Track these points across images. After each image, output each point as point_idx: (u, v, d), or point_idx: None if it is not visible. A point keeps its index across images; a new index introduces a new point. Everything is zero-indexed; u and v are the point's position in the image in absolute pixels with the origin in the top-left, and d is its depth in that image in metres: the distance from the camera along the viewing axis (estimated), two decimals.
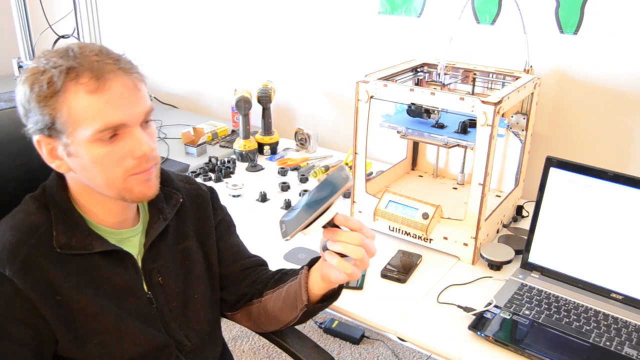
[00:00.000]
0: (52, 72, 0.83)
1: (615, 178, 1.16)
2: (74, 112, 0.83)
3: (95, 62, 0.85)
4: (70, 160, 0.87)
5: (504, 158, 1.60)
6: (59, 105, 0.83)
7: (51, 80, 0.83)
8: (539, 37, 1.57)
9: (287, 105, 2.20)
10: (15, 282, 0.84)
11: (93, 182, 0.89)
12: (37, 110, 0.84)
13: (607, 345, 1.05)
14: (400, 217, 1.34)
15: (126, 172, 0.88)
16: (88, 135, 0.84)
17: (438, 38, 1.77)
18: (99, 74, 0.84)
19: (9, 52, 2.71)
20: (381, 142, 1.91)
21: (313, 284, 1.01)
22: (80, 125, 0.83)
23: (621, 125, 1.56)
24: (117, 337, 0.91)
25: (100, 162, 0.86)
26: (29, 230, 0.89)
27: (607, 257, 1.18)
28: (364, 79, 1.37)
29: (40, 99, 0.83)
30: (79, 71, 0.83)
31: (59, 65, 0.83)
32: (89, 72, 0.83)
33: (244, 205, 1.61)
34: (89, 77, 0.83)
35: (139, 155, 0.87)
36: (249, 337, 2.21)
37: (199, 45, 2.37)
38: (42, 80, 0.83)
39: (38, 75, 0.84)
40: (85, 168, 0.87)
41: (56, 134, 0.85)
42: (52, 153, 0.88)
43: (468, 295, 1.21)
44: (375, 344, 2.20)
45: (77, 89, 0.83)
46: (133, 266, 0.96)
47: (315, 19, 2.02)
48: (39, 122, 0.85)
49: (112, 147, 0.86)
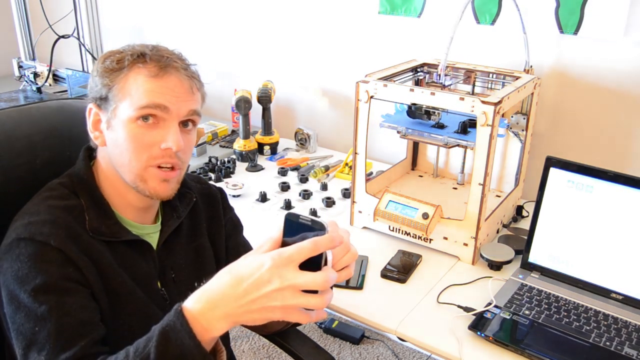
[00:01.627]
0: (124, 53, 0.93)
1: (616, 178, 1.16)
2: (127, 86, 0.91)
3: (165, 56, 0.94)
4: (108, 133, 0.93)
5: (504, 158, 1.60)
6: (118, 80, 0.91)
7: (121, 59, 0.92)
8: (539, 37, 1.57)
9: (287, 105, 2.20)
10: (63, 251, 0.86)
11: (118, 160, 0.93)
12: (98, 80, 0.93)
13: (607, 345, 1.05)
14: (400, 217, 1.34)
15: (149, 159, 0.92)
16: (131, 111, 0.90)
17: (438, 38, 1.77)
18: (164, 65, 0.92)
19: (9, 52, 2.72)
20: (381, 142, 1.91)
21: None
22: (130, 100, 0.90)
23: (621, 125, 1.56)
24: (143, 321, 0.92)
25: (132, 140, 0.91)
26: (66, 209, 0.91)
27: (607, 257, 1.18)
28: (364, 79, 1.37)
29: (106, 71, 0.92)
30: (147, 59, 0.92)
31: (135, 50, 0.93)
32: (156, 62, 0.92)
33: (244, 205, 1.61)
34: (154, 65, 0.92)
35: (166, 147, 0.91)
36: (249, 337, 2.21)
37: (198, 45, 2.37)
38: (114, 58, 0.93)
39: (113, 54, 0.94)
40: (116, 143, 0.92)
41: (105, 105, 0.93)
42: (95, 124, 0.95)
43: (468, 295, 1.21)
44: (375, 344, 2.20)
45: (139, 71, 0.91)
46: (152, 260, 0.99)
47: (315, 19, 2.02)
48: (96, 92, 0.93)
49: (146, 130, 0.91)
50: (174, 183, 0.96)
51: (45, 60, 2.51)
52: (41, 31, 2.46)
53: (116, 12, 2.58)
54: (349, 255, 0.77)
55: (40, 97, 2.43)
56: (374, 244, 1.41)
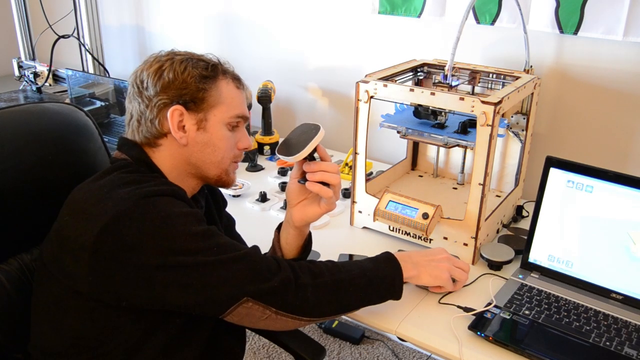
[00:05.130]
0: (210, 62, 1.04)
1: (616, 178, 1.16)
2: (224, 95, 1.04)
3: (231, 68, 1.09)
4: (198, 134, 1.02)
5: (504, 158, 1.60)
6: (213, 86, 1.02)
7: (213, 66, 1.03)
8: (539, 37, 1.57)
9: (287, 105, 2.20)
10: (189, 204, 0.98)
11: (207, 158, 1.04)
12: (191, 84, 1.00)
13: (607, 345, 1.05)
14: (400, 217, 1.34)
15: (233, 157, 1.08)
16: (227, 117, 1.04)
17: (438, 38, 1.77)
18: (239, 78, 1.09)
19: (9, 52, 2.72)
20: (381, 142, 1.91)
21: (285, 240, 1.15)
22: (225, 107, 1.03)
23: (621, 125, 1.56)
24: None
25: (224, 141, 1.05)
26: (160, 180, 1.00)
27: (607, 257, 1.18)
28: (364, 79, 1.37)
29: (201, 77, 1.01)
30: (225, 69, 1.07)
31: (213, 60, 1.06)
32: (232, 74, 1.07)
33: (244, 205, 1.61)
34: (233, 76, 1.07)
35: (244, 146, 1.09)
36: (249, 337, 2.21)
37: (198, 46, 2.37)
38: (202, 65, 1.02)
39: (195, 61, 1.03)
40: (208, 144, 1.03)
41: (197, 108, 1.01)
42: (179, 124, 1.01)
43: (468, 295, 1.21)
44: (375, 344, 2.20)
45: (228, 81, 1.05)
46: None
47: (315, 19, 2.02)
48: (188, 94, 1.00)
49: (232, 134, 1.07)
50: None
51: (45, 60, 2.51)
52: (41, 31, 2.46)
53: (116, 12, 2.58)
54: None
55: (40, 97, 2.44)
56: (374, 244, 1.41)
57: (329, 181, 1.06)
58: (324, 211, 1.10)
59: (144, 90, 1.01)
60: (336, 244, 1.40)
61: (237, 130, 1.07)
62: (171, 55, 1.03)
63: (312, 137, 1.03)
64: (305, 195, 1.12)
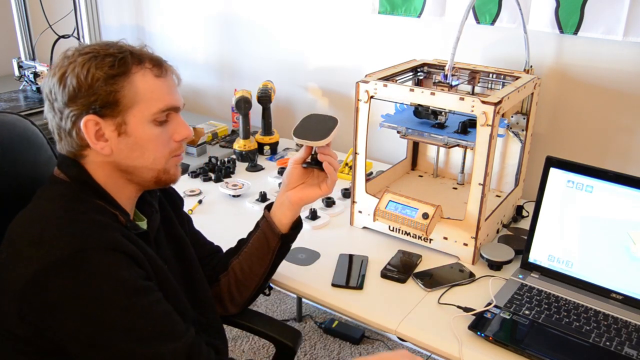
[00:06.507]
0: (119, 55, 0.89)
1: (616, 178, 1.16)
2: (140, 91, 0.90)
3: (149, 53, 0.95)
4: (120, 140, 0.91)
5: (504, 158, 1.60)
6: (126, 84, 0.89)
7: (122, 60, 0.89)
8: (539, 37, 1.57)
9: (287, 105, 2.20)
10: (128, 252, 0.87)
11: (137, 162, 0.93)
12: (99, 89, 0.87)
13: (607, 345, 1.05)
14: (400, 217, 1.34)
15: (170, 152, 0.96)
16: (150, 114, 0.91)
17: (438, 38, 1.77)
18: (159, 62, 0.94)
19: (9, 52, 2.71)
20: (381, 142, 1.91)
21: (279, 220, 1.15)
22: (144, 104, 0.90)
23: (621, 125, 1.56)
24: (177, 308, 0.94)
25: (154, 141, 0.93)
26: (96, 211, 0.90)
27: (607, 257, 1.18)
28: (364, 79, 1.37)
29: (109, 77, 0.88)
30: (141, 57, 0.92)
31: (124, 50, 0.91)
32: (150, 60, 0.93)
33: (244, 205, 1.61)
34: (151, 63, 0.92)
35: (182, 137, 0.97)
36: (249, 337, 2.21)
37: (198, 45, 2.37)
38: (109, 61, 0.88)
39: (100, 58, 0.88)
40: (134, 148, 0.92)
41: (112, 113, 0.89)
42: (97, 134, 0.90)
43: (468, 295, 1.21)
44: (375, 344, 2.20)
45: (144, 71, 0.91)
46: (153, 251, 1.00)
47: (315, 19, 2.02)
48: (98, 100, 0.88)
49: (162, 128, 0.94)
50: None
51: (45, 60, 2.51)
52: (41, 31, 2.46)
53: (116, 12, 2.58)
54: None
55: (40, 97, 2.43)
56: (374, 244, 1.41)
57: (335, 166, 1.13)
58: (324, 193, 1.15)
59: (54, 101, 0.90)
60: (336, 244, 1.40)
61: (168, 123, 0.95)
62: (74, 57, 0.89)
63: (333, 127, 1.13)
64: (303, 179, 1.16)
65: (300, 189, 1.15)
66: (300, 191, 1.15)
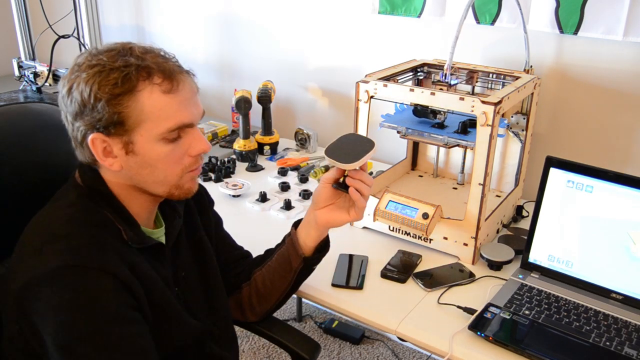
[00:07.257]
0: (124, 70, 0.83)
1: (616, 178, 1.16)
2: (147, 110, 0.85)
3: (162, 62, 0.87)
4: (128, 158, 0.88)
5: (504, 158, 1.60)
6: (131, 103, 0.84)
7: (126, 77, 0.83)
8: (539, 37, 1.57)
9: (287, 105, 2.20)
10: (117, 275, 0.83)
11: (148, 179, 0.90)
12: (104, 107, 0.83)
13: (607, 345, 1.05)
14: (400, 217, 1.34)
15: (184, 169, 0.92)
16: (158, 133, 0.86)
17: (438, 38, 1.77)
18: (171, 75, 0.86)
19: (9, 52, 2.71)
20: (381, 142, 1.90)
21: (304, 240, 1.11)
22: (152, 123, 0.85)
23: (621, 125, 1.56)
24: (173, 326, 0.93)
25: (164, 159, 0.88)
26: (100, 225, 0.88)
27: (607, 257, 1.18)
28: (364, 79, 1.37)
29: (112, 96, 0.83)
30: (150, 71, 0.85)
31: (130, 64, 0.84)
32: (161, 73, 0.85)
33: (244, 205, 1.61)
34: (161, 77, 0.85)
35: (198, 153, 0.92)
36: (249, 337, 2.21)
37: (198, 45, 2.37)
38: (113, 78, 0.83)
39: (105, 74, 0.83)
40: (143, 166, 0.88)
41: (120, 131, 0.85)
42: (105, 151, 0.88)
43: (468, 295, 1.21)
44: (375, 344, 2.20)
45: (152, 88, 0.85)
46: (167, 262, 0.99)
47: (315, 19, 2.02)
48: (103, 120, 0.84)
49: (174, 145, 0.89)
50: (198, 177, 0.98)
51: (45, 60, 2.51)
52: (41, 31, 2.46)
53: (116, 12, 2.58)
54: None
55: (40, 97, 2.43)
56: (374, 244, 1.41)
57: (364, 192, 1.04)
58: (352, 219, 1.08)
59: (66, 112, 0.88)
60: (336, 244, 1.40)
61: (182, 139, 0.90)
62: (83, 68, 0.85)
63: (367, 150, 1.05)
64: (333, 200, 1.09)
65: (329, 211, 1.09)
66: (328, 213, 1.08)
